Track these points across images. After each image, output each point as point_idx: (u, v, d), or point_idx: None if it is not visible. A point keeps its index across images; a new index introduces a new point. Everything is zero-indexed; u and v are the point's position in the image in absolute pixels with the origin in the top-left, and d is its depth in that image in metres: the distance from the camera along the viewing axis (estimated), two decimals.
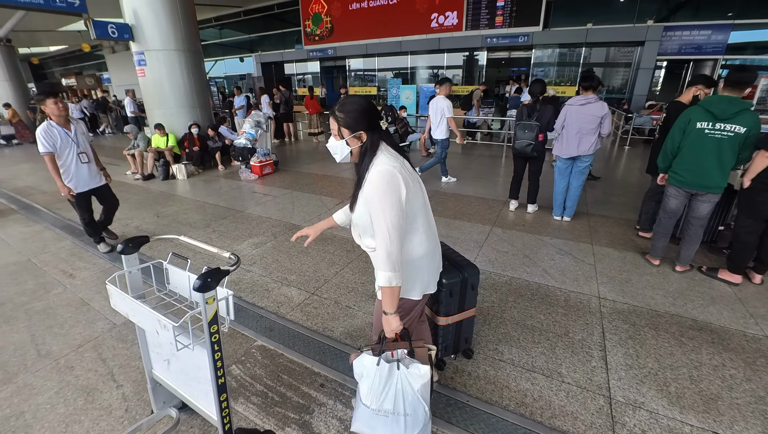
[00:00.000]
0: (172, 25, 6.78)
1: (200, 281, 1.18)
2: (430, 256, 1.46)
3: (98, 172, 3.62)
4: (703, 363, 2.18)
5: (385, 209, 1.22)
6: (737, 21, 10.48)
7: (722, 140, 2.68)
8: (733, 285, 2.97)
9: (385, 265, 1.25)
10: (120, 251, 1.54)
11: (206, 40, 20.57)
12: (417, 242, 1.39)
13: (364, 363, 1.43)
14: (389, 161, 1.28)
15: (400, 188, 1.24)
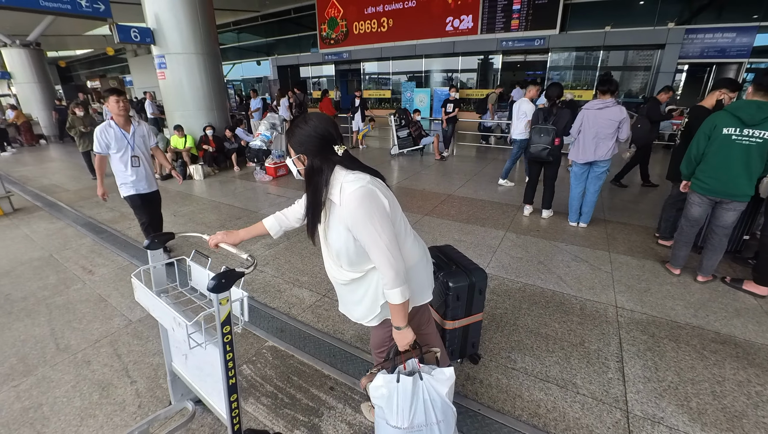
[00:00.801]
0: (192, 29, 6.95)
1: (214, 281, 1.19)
2: (425, 259, 1.45)
3: (153, 177, 3.49)
4: (726, 378, 2.09)
5: (378, 229, 1.16)
6: (763, 23, 10.13)
7: (750, 147, 2.58)
8: (759, 297, 2.85)
9: (394, 282, 1.21)
10: (146, 246, 1.59)
11: (224, 44, 21.00)
12: (409, 247, 1.36)
13: (381, 385, 1.33)
14: (357, 178, 1.20)
15: (382, 202, 1.19)
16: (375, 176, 1.28)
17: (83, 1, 6.59)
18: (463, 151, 9.17)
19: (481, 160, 8.17)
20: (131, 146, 3.22)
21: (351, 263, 1.31)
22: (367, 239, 1.18)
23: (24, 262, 3.65)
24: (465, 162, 7.91)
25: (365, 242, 1.19)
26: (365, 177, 1.21)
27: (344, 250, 1.27)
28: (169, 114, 7.69)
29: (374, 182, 1.22)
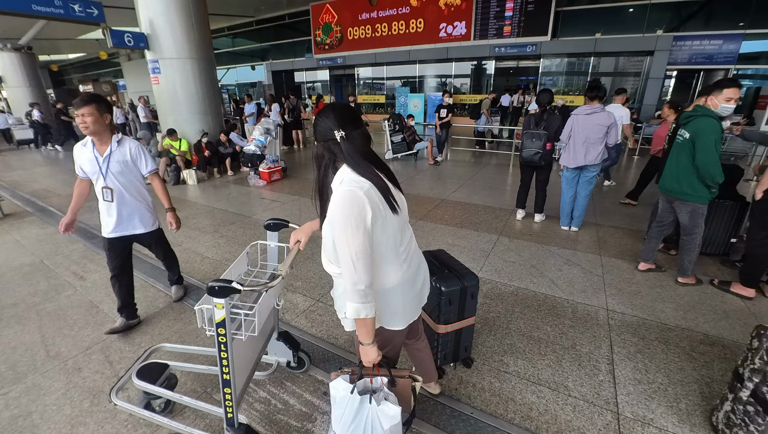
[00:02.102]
0: (186, 34, 6.96)
1: (210, 285, 1.27)
2: (408, 284, 1.35)
3: (144, 214, 2.68)
4: (714, 379, 2.13)
5: (348, 235, 1.11)
6: (749, 31, 10.37)
7: (678, 144, 2.86)
8: (746, 299, 2.90)
9: (352, 296, 1.16)
10: (266, 227, 1.85)
11: (219, 49, 20.99)
12: (390, 271, 1.28)
13: (339, 388, 1.34)
14: (356, 180, 1.16)
15: (365, 212, 1.12)
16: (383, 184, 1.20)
17: (76, 6, 6.58)
18: (457, 156, 9.24)
19: (474, 165, 8.23)
20: (102, 173, 2.40)
21: (333, 258, 1.28)
22: (337, 242, 1.15)
23: (14, 268, 3.61)
24: (459, 167, 7.97)
25: (336, 245, 1.17)
26: (365, 183, 1.16)
27: (329, 242, 1.24)
28: (162, 119, 7.66)
29: (371, 191, 1.16)
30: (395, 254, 1.28)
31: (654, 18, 11.31)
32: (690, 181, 2.80)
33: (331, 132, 1.17)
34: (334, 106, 1.24)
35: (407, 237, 1.36)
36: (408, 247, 1.35)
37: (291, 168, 7.74)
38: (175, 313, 2.83)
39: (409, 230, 1.39)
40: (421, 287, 1.45)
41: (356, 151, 1.19)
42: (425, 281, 1.50)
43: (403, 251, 1.31)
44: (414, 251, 1.41)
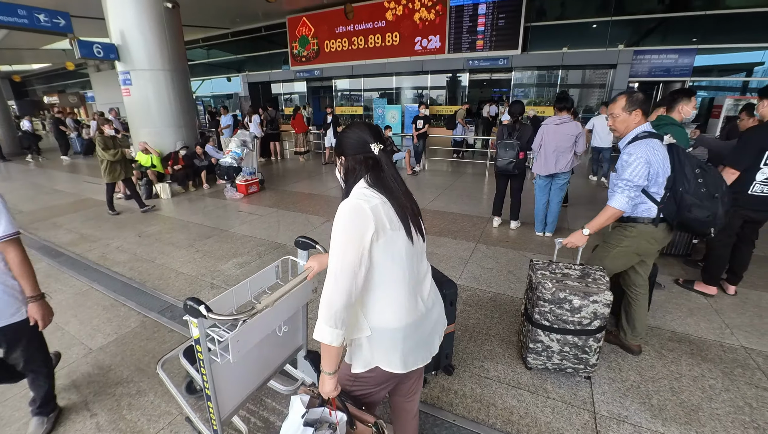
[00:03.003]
0: (159, 46, 6.85)
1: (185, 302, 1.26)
2: (412, 328, 1.17)
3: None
4: (683, 374, 2.23)
5: (340, 246, 1.03)
6: (701, 46, 11.16)
7: None
8: (708, 297, 3.07)
9: (322, 315, 1.04)
10: (296, 243, 1.82)
11: (193, 60, 20.69)
12: (392, 302, 1.13)
13: (295, 407, 1.22)
14: (365, 193, 1.09)
15: (364, 227, 1.03)
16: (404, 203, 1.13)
17: (42, 16, 6.37)
18: (435, 165, 9.40)
19: (452, 174, 8.39)
20: None
21: None
22: (330, 254, 1.06)
23: None
24: (436, 176, 8.10)
25: (329, 256, 1.07)
26: (374, 198, 1.08)
27: None
28: (134, 131, 7.45)
29: (380, 207, 1.07)
30: (401, 283, 1.13)
31: (616, 33, 12.00)
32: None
33: (367, 145, 1.12)
34: (363, 122, 1.21)
35: (422, 271, 1.22)
36: (420, 282, 1.21)
37: (269, 180, 7.65)
38: (148, 332, 2.73)
39: (424, 265, 1.25)
40: (430, 333, 1.24)
41: (390, 166, 1.15)
42: (436, 327, 1.28)
43: (413, 285, 1.17)
44: (429, 291, 1.25)
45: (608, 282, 2.04)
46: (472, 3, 12.91)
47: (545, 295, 2.02)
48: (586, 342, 2.04)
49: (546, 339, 2.10)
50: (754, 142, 2.67)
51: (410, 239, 1.12)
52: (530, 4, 12.48)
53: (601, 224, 2.16)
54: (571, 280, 2.06)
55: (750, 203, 2.78)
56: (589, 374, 2.17)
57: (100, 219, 5.40)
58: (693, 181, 2.05)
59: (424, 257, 1.25)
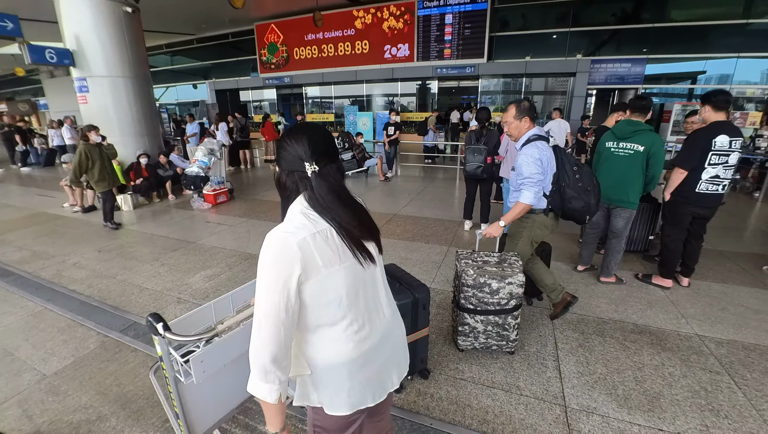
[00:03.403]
0: (119, 51, 6.56)
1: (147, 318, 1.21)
2: (360, 362, 1.02)
3: None
4: (645, 364, 2.35)
5: (261, 289, 0.89)
6: (651, 56, 11.98)
7: (626, 157, 3.04)
8: (665, 289, 3.26)
9: (252, 366, 0.90)
10: None
11: (156, 67, 19.96)
12: (332, 341, 0.99)
13: None
14: (298, 221, 0.94)
15: (290, 269, 0.88)
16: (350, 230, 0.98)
17: None
18: (407, 171, 9.50)
19: (424, 179, 8.50)
20: None
21: None
22: (255, 291, 0.92)
23: None
24: (409, 182, 8.19)
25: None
26: (302, 230, 0.92)
27: None
28: None
29: (310, 240, 0.91)
30: (342, 320, 0.99)
31: (574, 44, 12.67)
32: (635, 190, 3.05)
33: (301, 164, 0.95)
34: (307, 129, 1.00)
35: (375, 297, 1.07)
36: (374, 310, 1.06)
37: (238, 189, 7.46)
38: (109, 353, 2.57)
39: (379, 290, 1.10)
40: (384, 367, 1.09)
41: (329, 190, 0.96)
42: (393, 356, 1.13)
43: (361, 316, 1.02)
44: (384, 319, 1.10)
45: (521, 266, 2.29)
46: (439, 13, 13.27)
47: (468, 281, 2.21)
48: (505, 320, 2.27)
49: (472, 321, 2.30)
50: (698, 144, 2.89)
51: (361, 264, 0.99)
52: (494, 15, 12.97)
53: (514, 217, 2.43)
54: (490, 266, 2.28)
55: (698, 201, 2.99)
56: (512, 349, 2.40)
57: (54, 234, 5.06)
58: (572, 176, 2.43)
59: (379, 280, 1.10)
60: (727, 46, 11.51)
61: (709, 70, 12.22)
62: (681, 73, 12.77)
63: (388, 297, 1.15)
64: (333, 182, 0.98)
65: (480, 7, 12.64)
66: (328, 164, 0.98)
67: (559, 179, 2.42)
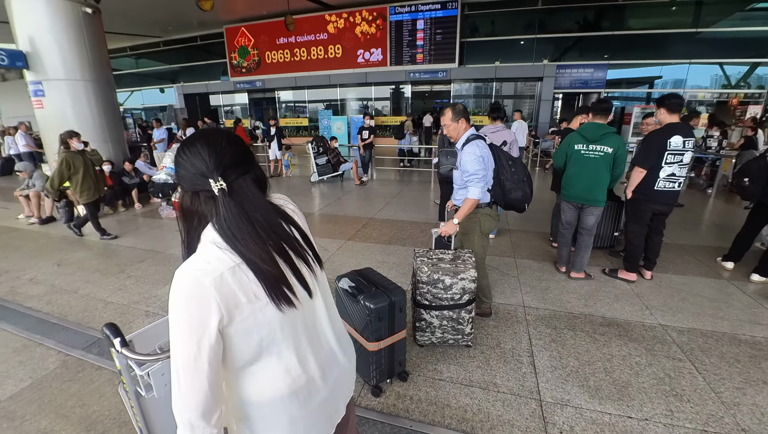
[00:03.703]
0: (78, 53, 6.26)
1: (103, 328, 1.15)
2: (302, 399, 0.89)
3: None
4: (613, 355, 2.45)
5: (174, 335, 0.75)
6: (612, 61, 12.62)
7: (595, 159, 3.18)
8: (630, 283, 3.42)
9: (177, 422, 0.77)
10: None
11: (120, 70, 19.17)
12: (266, 379, 0.86)
13: None
14: (209, 257, 0.77)
15: (206, 311, 0.74)
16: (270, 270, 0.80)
17: None
18: (383, 175, 9.54)
19: (399, 182, 8.56)
20: None
21: None
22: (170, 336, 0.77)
23: None
24: (384, 185, 8.22)
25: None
26: (219, 265, 0.76)
27: None
28: (48, 148, 6.67)
29: (229, 276, 0.76)
30: (276, 355, 0.85)
31: (541, 50, 13.18)
32: (603, 189, 3.22)
33: (203, 180, 0.77)
34: (206, 135, 0.81)
35: (309, 330, 0.92)
36: (310, 344, 0.92)
37: None
38: (71, 372, 2.42)
39: (321, 320, 0.96)
40: (327, 399, 0.96)
41: (239, 213, 0.78)
42: (339, 387, 1.01)
43: (302, 348, 0.89)
44: (326, 348, 0.97)
45: (474, 262, 2.37)
46: (411, 19, 13.46)
47: (422, 278, 2.29)
48: (459, 314, 2.34)
49: (428, 317, 2.36)
50: (654, 144, 3.06)
51: (291, 305, 0.83)
52: (465, 21, 13.30)
53: (466, 213, 2.52)
54: (444, 263, 2.35)
55: (656, 198, 3.17)
56: (468, 343, 2.47)
57: (8, 248, 4.74)
58: (509, 170, 2.65)
59: (319, 309, 0.95)
60: (680, 53, 12.31)
61: (665, 75, 13.01)
62: (639, 78, 13.52)
63: (333, 324, 1.01)
64: (248, 198, 0.80)
65: (450, 13, 12.93)
66: (240, 177, 0.80)
67: (498, 173, 2.61)
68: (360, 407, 2.04)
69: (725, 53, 12.06)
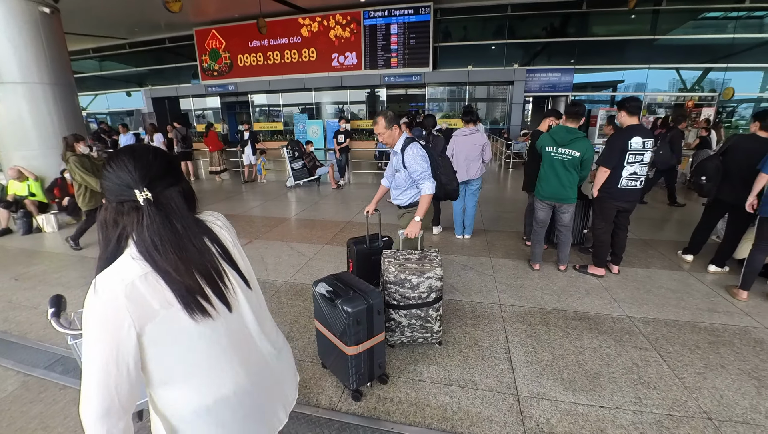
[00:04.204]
0: (35, 56, 5.93)
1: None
2: (232, 409, 0.90)
3: None
4: (585, 348, 2.54)
5: (86, 344, 0.75)
6: (578, 66, 13.17)
7: (563, 161, 3.33)
8: (599, 277, 3.56)
9: (81, 419, 0.76)
10: None
11: (82, 72, 18.32)
12: (194, 391, 0.86)
13: None
14: (125, 265, 0.79)
15: (118, 321, 0.75)
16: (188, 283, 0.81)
17: None
18: (360, 178, 9.54)
19: (376, 186, 8.55)
20: None
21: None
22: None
23: None
24: (362, 189, 8.22)
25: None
26: (135, 270, 0.78)
27: None
28: (4, 154, 6.28)
29: (140, 286, 0.78)
30: (197, 366, 0.86)
31: (511, 54, 13.59)
32: (574, 188, 3.39)
33: (129, 191, 0.78)
34: (134, 148, 0.84)
35: (234, 338, 0.91)
36: (236, 353, 0.92)
37: None
38: (32, 393, 2.28)
39: (249, 328, 0.96)
40: (261, 408, 0.98)
41: (163, 222, 0.79)
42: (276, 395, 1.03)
43: (217, 361, 0.89)
44: (256, 356, 0.97)
45: (440, 261, 2.41)
46: (385, 23, 13.58)
47: (390, 278, 2.31)
48: (427, 312, 2.38)
49: (396, 316, 2.38)
50: (617, 145, 3.22)
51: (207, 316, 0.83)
52: (437, 26, 13.54)
53: (426, 208, 2.64)
54: (411, 263, 2.39)
55: (620, 196, 3.33)
56: (438, 340, 2.52)
57: None
58: (441, 166, 2.90)
59: (247, 318, 0.95)
60: (640, 59, 13.00)
61: (627, 79, 13.71)
62: (604, 82, 14.18)
63: (267, 336, 1.01)
64: (173, 210, 0.81)
65: (423, 18, 13.14)
66: (166, 189, 0.82)
67: (436, 169, 2.76)
68: (340, 412, 2.03)
69: (680, 59, 12.85)
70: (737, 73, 12.68)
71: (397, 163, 2.72)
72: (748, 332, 2.71)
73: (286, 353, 1.10)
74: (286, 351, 1.10)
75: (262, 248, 4.44)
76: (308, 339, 2.68)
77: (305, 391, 2.18)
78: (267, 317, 1.05)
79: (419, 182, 2.64)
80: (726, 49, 12.34)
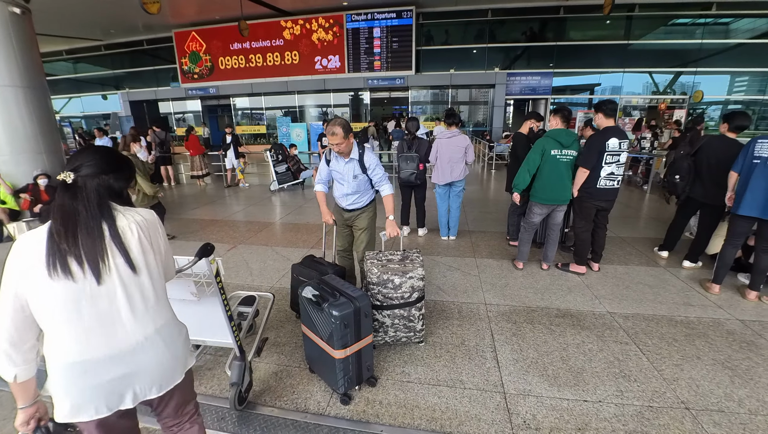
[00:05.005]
0: (5, 57, 5.70)
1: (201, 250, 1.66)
2: (78, 370, 1.04)
3: None
4: (569, 344, 2.60)
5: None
6: (556, 70, 13.51)
7: (567, 162, 3.40)
8: (581, 275, 3.65)
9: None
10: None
11: (55, 75, 17.71)
12: (57, 342, 1.03)
13: None
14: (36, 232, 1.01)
15: (16, 262, 0.98)
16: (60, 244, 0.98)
17: None
18: None
19: None
20: None
21: None
22: None
23: None
24: None
25: None
26: (38, 235, 1.00)
27: None
28: None
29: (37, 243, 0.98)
30: (64, 324, 1.02)
31: (492, 58, 13.84)
32: (570, 188, 3.46)
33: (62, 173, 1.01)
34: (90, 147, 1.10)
35: (102, 312, 1.04)
36: (101, 325, 1.05)
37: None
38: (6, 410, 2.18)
39: (119, 306, 1.07)
40: (114, 382, 1.08)
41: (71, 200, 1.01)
42: (136, 375, 1.12)
43: (78, 325, 1.02)
44: (122, 335, 1.08)
45: (422, 260, 2.48)
46: (367, 27, 13.63)
47: (372, 279, 2.34)
48: (409, 312, 2.41)
49: (380, 317, 2.40)
50: (595, 146, 3.32)
51: (66, 276, 0.98)
52: (420, 30, 13.67)
53: (393, 205, 2.87)
54: (393, 264, 2.44)
55: (599, 195, 3.42)
56: (421, 339, 2.55)
57: None
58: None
59: (118, 296, 1.06)
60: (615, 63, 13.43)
61: (604, 82, 14.13)
62: (582, 85, 14.58)
63: (137, 315, 1.10)
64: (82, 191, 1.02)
65: (406, 22, 13.25)
66: (89, 178, 1.03)
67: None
68: (329, 416, 2.02)
69: (653, 63, 13.34)
70: (706, 77, 13.26)
71: (356, 169, 2.79)
72: (720, 324, 2.83)
73: (170, 342, 1.20)
74: (162, 339, 1.18)
75: (246, 253, 4.37)
76: (295, 343, 2.65)
77: (293, 397, 2.16)
78: (150, 305, 1.14)
79: (381, 183, 2.83)
80: (695, 53, 12.89)
